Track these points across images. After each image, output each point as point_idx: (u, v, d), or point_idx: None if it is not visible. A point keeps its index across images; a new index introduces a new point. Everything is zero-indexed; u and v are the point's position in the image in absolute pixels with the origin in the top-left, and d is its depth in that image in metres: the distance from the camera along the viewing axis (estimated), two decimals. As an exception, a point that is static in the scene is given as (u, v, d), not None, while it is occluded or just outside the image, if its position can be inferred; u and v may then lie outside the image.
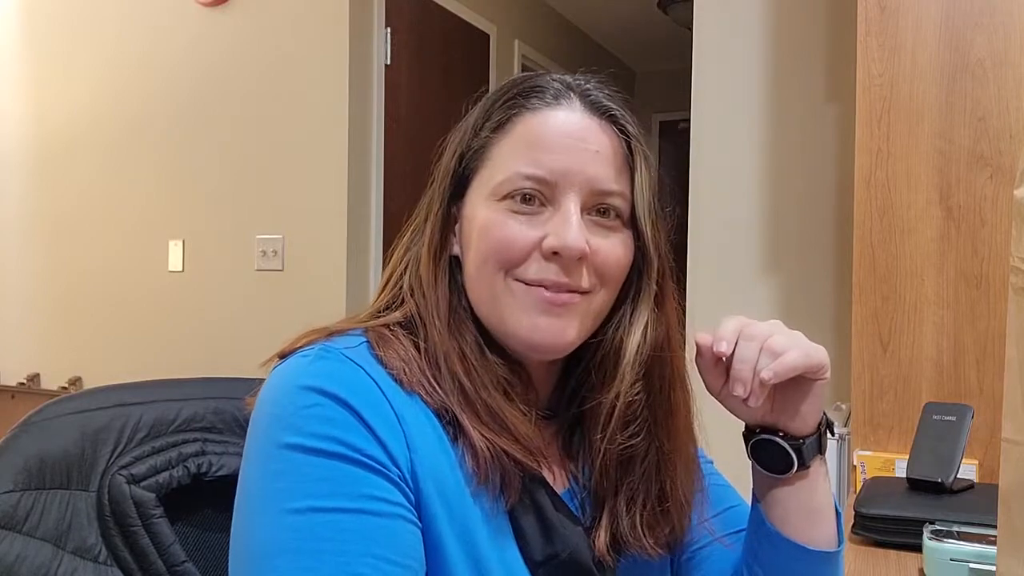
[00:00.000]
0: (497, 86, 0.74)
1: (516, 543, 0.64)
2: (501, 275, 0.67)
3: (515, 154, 0.68)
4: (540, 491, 0.66)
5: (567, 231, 0.66)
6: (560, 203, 0.67)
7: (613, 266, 0.69)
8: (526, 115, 0.69)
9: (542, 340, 0.67)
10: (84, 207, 3.28)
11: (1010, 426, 0.54)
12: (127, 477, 0.72)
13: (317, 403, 0.59)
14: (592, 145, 0.68)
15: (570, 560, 0.65)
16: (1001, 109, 1.41)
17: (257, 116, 2.93)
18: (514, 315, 0.67)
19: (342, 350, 0.64)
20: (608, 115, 0.70)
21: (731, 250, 2.17)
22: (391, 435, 0.60)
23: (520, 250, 0.67)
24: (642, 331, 0.70)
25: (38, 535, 0.67)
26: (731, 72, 2.18)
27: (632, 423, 0.69)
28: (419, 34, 3.14)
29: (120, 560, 0.70)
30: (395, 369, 0.64)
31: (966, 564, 0.89)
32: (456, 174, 0.71)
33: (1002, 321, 1.35)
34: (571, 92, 0.70)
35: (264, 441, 0.60)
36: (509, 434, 0.65)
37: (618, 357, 0.70)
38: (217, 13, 3.00)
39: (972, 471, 1.31)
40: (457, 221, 0.72)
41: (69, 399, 0.74)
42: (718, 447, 0.89)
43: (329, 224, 2.81)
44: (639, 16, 4.53)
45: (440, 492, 0.61)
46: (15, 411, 3.20)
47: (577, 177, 0.67)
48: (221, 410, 0.79)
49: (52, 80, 3.36)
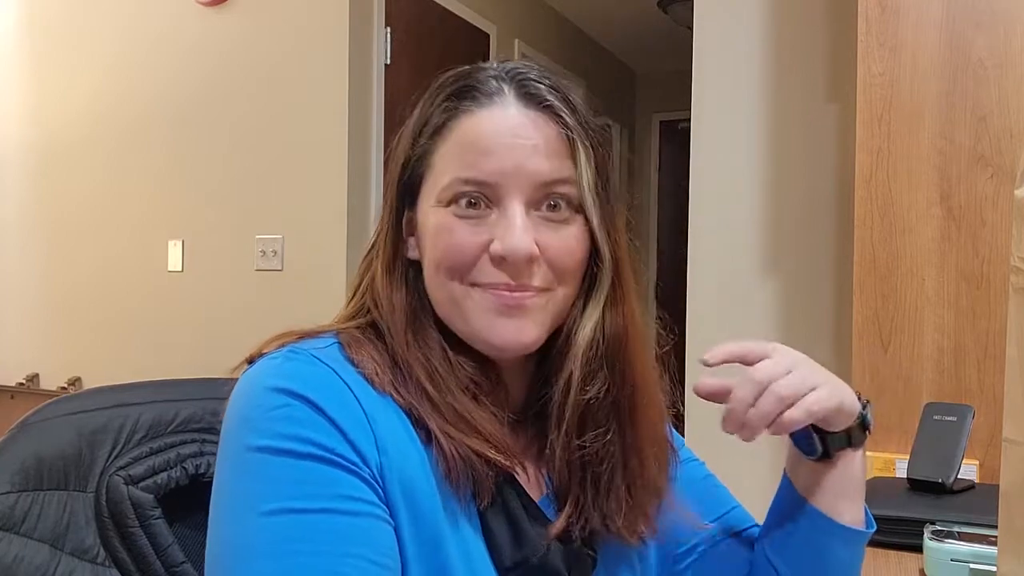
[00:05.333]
0: (433, 82, 0.71)
1: (486, 547, 0.63)
2: (456, 281, 0.66)
3: (453, 160, 0.67)
4: (512, 494, 0.65)
5: (511, 235, 0.64)
6: (504, 205, 0.66)
7: (567, 261, 0.67)
8: (461, 118, 0.67)
9: (502, 341, 0.66)
10: (84, 207, 3.28)
11: (1011, 426, 0.54)
12: (125, 478, 0.71)
13: (285, 404, 0.59)
14: (529, 140, 0.66)
15: (540, 566, 0.64)
16: (1002, 109, 1.41)
17: (257, 116, 2.92)
18: (474, 318, 0.66)
19: (311, 351, 0.63)
20: (544, 105, 0.67)
21: (731, 250, 2.17)
22: (361, 435, 0.60)
23: (468, 256, 0.66)
24: (594, 325, 0.68)
25: (36, 536, 0.66)
26: (731, 72, 2.18)
27: (593, 421, 0.67)
28: (419, 34, 3.14)
29: (118, 561, 0.70)
30: (367, 369, 0.63)
31: (966, 564, 0.89)
32: (403, 182, 0.71)
33: (1003, 321, 1.34)
34: (505, 86, 0.68)
35: (234, 445, 0.60)
36: (478, 435, 0.64)
37: (567, 352, 0.68)
38: (217, 13, 3.00)
39: (973, 471, 1.31)
40: (412, 226, 0.71)
41: (66, 400, 0.74)
42: (715, 446, 0.89)
43: (329, 224, 2.80)
44: (639, 16, 4.53)
45: (407, 496, 0.60)
46: (14, 411, 3.19)
47: (517, 176, 0.65)
48: (218, 411, 0.77)
49: (52, 80, 3.36)
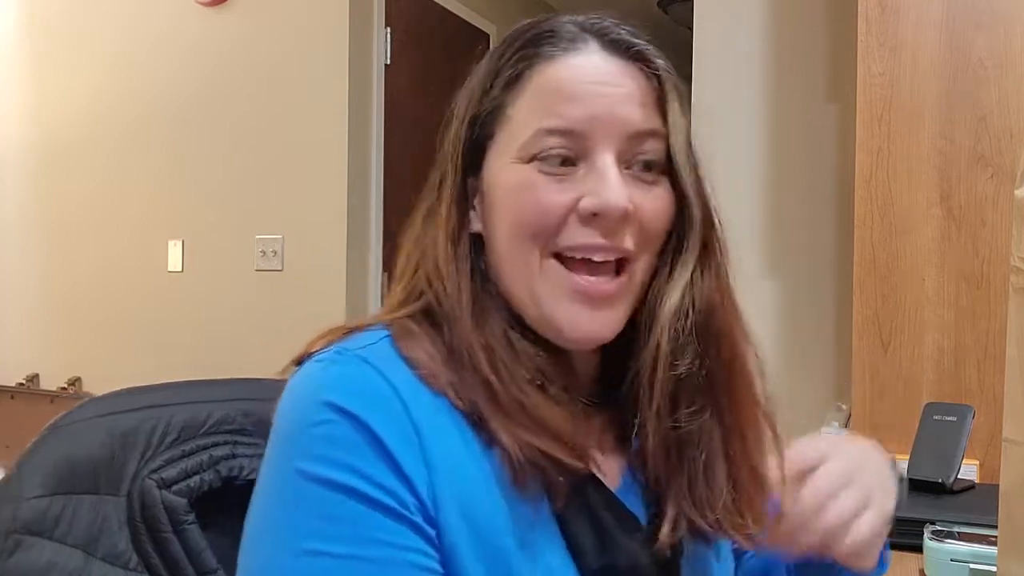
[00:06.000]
0: (502, 37, 0.65)
1: (569, 552, 0.58)
2: (536, 251, 0.60)
3: (535, 110, 0.61)
4: (591, 491, 0.59)
5: (606, 188, 0.58)
6: (594, 158, 0.60)
7: (657, 224, 0.62)
8: (541, 65, 0.62)
9: (581, 336, 0.60)
10: (84, 207, 3.28)
11: (1011, 426, 0.54)
12: (158, 481, 0.69)
13: (327, 420, 0.54)
14: (619, 87, 0.60)
15: (629, 569, 0.58)
16: (1001, 109, 1.41)
17: (257, 116, 2.92)
18: (550, 304, 0.60)
19: (358, 351, 0.57)
20: (632, 52, 0.62)
21: (731, 250, 2.16)
22: (407, 452, 0.54)
23: (555, 216, 0.59)
24: (682, 292, 0.62)
25: (69, 541, 0.64)
26: (731, 72, 2.18)
27: (686, 397, 0.61)
28: (419, 34, 3.14)
29: (151, 567, 0.68)
30: (422, 366, 0.57)
31: (966, 565, 0.89)
32: (469, 142, 0.64)
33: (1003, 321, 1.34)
34: (587, 34, 0.63)
35: (276, 461, 0.56)
36: (547, 433, 0.57)
37: (653, 323, 0.61)
38: (217, 13, 3.00)
39: (973, 471, 1.30)
40: (476, 194, 0.64)
41: (97, 401, 0.72)
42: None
43: (329, 224, 2.80)
44: (639, 16, 4.50)
45: (466, 511, 0.55)
46: (15, 411, 3.19)
47: (607, 124, 0.59)
48: (250, 412, 0.76)
49: (52, 80, 3.36)
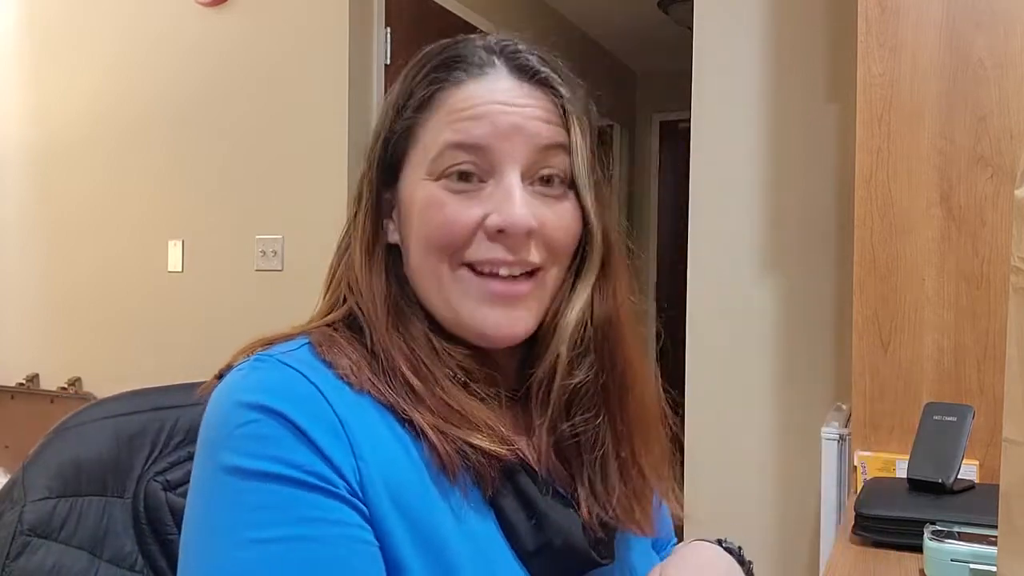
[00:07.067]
0: (415, 57, 0.68)
1: (504, 535, 0.60)
2: (446, 262, 0.63)
3: (443, 129, 0.63)
4: (521, 477, 0.61)
5: (511, 206, 0.61)
6: (500, 175, 0.62)
7: (563, 238, 0.64)
8: (450, 89, 0.64)
9: (495, 333, 0.63)
10: (84, 207, 3.28)
11: (1011, 426, 0.54)
12: (163, 483, 0.70)
13: (252, 419, 0.55)
14: (524, 107, 0.63)
15: (565, 546, 0.60)
16: (1001, 109, 1.41)
17: (257, 116, 2.92)
18: (464, 307, 0.63)
19: (278, 356, 0.60)
20: (536, 78, 0.64)
21: (731, 250, 2.17)
22: (334, 443, 0.55)
23: (462, 232, 0.62)
24: (582, 307, 0.65)
25: (75, 543, 0.65)
26: (731, 72, 2.18)
27: (580, 405, 0.64)
28: (419, 34, 3.14)
29: (157, 569, 0.68)
30: (342, 368, 0.59)
31: (966, 565, 0.89)
32: (383, 159, 0.66)
33: (1003, 321, 1.34)
34: (496, 57, 0.65)
35: (204, 466, 0.56)
36: (471, 425, 0.60)
37: (555, 333, 0.65)
38: (217, 13, 3.00)
39: (973, 471, 1.31)
40: (393, 207, 0.67)
41: (103, 403, 0.72)
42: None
43: (329, 224, 2.77)
44: (639, 16, 4.52)
45: (396, 499, 0.56)
46: (15, 411, 3.20)
47: (513, 139, 0.62)
48: None
49: (52, 80, 3.36)
